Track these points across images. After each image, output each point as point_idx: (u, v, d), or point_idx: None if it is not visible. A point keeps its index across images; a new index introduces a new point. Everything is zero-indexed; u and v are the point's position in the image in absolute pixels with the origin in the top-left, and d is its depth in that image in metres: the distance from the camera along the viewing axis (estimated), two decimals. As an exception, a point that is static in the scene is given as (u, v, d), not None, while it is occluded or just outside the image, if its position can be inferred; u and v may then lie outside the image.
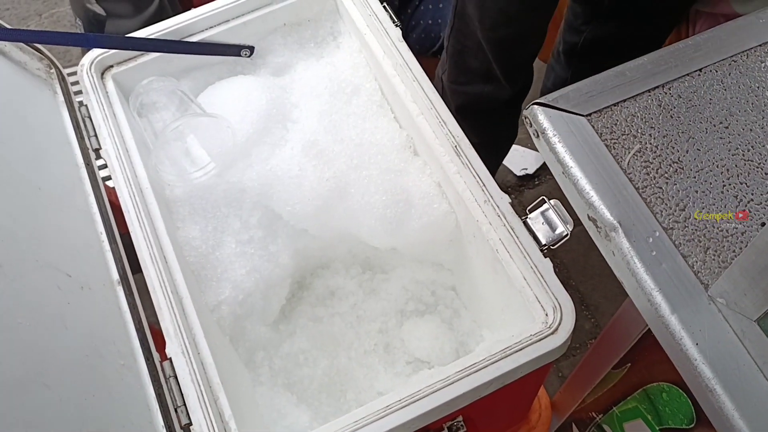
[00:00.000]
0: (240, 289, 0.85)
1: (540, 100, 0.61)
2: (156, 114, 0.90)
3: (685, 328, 0.50)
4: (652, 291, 0.52)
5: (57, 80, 0.89)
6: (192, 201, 0.88)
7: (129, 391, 0.67)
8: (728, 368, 0.49)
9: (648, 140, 0.59)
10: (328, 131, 0.90)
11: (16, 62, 0.85)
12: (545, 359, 0.68)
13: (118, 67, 0.92)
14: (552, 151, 0.59)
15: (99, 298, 0.71)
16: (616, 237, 0.55)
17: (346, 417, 0.65)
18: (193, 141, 0.90)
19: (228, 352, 0.84)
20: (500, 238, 0.74)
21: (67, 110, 0.87)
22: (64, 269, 0.68)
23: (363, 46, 0.95)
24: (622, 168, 0.57)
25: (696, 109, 0.60)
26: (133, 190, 0.80)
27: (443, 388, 0.66)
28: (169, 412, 0.67)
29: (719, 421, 0.49)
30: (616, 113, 0.60)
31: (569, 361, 1.60)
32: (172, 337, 0.71)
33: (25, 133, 0.78)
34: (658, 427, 0.78)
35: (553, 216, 0.72)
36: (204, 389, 0.68)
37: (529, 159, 1.89)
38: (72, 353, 0.63)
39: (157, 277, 0.75)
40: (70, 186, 0.80)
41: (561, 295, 0.69)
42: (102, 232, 0.78)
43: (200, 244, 0.85)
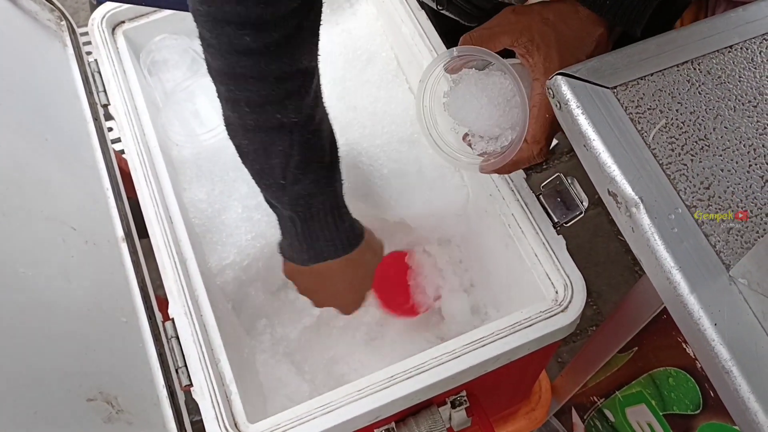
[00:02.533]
0: (245, 254, 0.84)
1: (564, 70, 0.59)
2: (167, 73, 0.88)
3: (704, 307, 0.49)
4: (672, 269, 0.50)
5: (67, 32, 0.87)
6: (199, 163, 0.86)
7: (130, 349, 0.66)
8: (746, 350, 0.48)
9: (674, 116, 0.57)
10: (342, 99, 0.88)
11: (26, 11, 0.83)
12: (554, 337, 0.67)
13: (129, 23, 0.91)
14: (574, 123, 0.57)
15: (103, 254, 0.70)
16: (637, 213, 0.53)
17: (348, 386, 0.65)
18: (204, 102, 0.89)
19: (230, 318, 0.84)
20: (513, 213, 0.73)
21: (76, 64, 0.86)
22: (69, 222, 0.67)
23: (380, 14, 0.93)
24: (647, 143, 0.56)
25: (725, 87, 0.58)
26: (141, 149, 0.79)
27: (449, 361, 0.65)
28: (170, 373, 0.67)
29: (734, 403, 0.48)
30: (642, 87, 0.58)
31: (569, 347, 1.60)
32: (175, 297, 0.70)
33: (33, 83, 0.76)
34: (661, 412, 0.77)
35: (567, 193, 0.71)
36: (206, 351, 0.68)
37: (539, 143, 1.87)
38: (74, 307, 0.62)
39: (162, 236, 0.74)
40: (77, 140, 0.78)
41: (573, 273, 0.68)
42: (108, 188, 0.77)
43: (206, 207, 0.84)
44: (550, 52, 0.59)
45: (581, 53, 0.60)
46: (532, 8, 0.62)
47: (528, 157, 0.60)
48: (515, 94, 0.61)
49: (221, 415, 0.64)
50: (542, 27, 0.60)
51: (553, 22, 0.60)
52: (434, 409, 0.72)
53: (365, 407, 0.63)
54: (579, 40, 0.61)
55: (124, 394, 0.60)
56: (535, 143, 0.59)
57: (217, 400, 0.65)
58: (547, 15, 0.60)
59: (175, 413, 0.65)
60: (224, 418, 0.64)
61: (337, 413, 0.63)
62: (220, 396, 0.65)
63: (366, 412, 0.63)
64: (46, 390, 0.53)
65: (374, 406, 0.63)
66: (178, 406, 0.66)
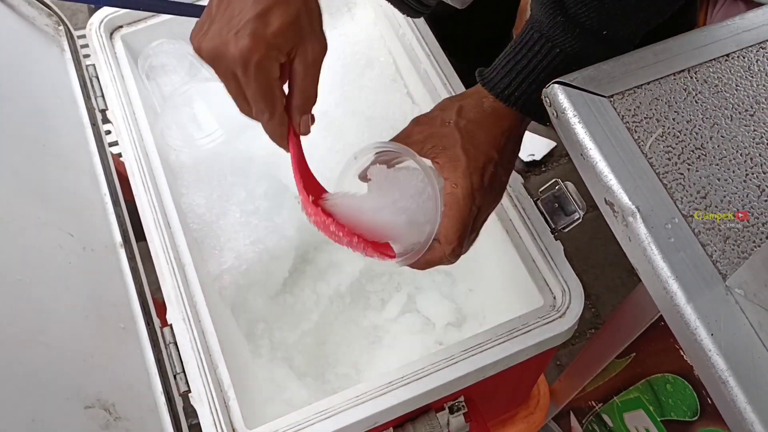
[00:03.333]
0: (243, 259, 0.84)
1: (560, 79, 0.59)
2: (165, 77, 0.88)
3: (701, 317, 0.49)
4: (668, 279, 0.51)
5: (65, 37, 0.87)
6: (198, 168, 0.86)
7: (128, 355, 0.66)
8: (743, 360, 0.48)
9: (671, 125, 0.57)
10: (339, 103, 0.88)
11: (24, 16, 0.83)
12: (551, 342, 0.67)
13: (127, 28, 0.91)
14: (571, 131, 0.58)
15: (101, 259, 0.70)
16: (633, 222, 0.53)
17: (346, 392, 0.65)
18: (202, 107, 0.89)
19: (228, 323, 0.84)
20: (511, 219, 0.73)
21: (74, 69, 0.86)
22: (67, 229, 0.67)
23: (378, 18, 0.93)
24: (643, 152, 0.56)
25: (721, 96, 0.58)
26: (139, 154, 0.79)
27: (447, 367, 0.65)
28: (168, 379, 0.67)
29: (730, 414, 0.48)
30: (639, 95, 0.58)
31: (567, 350, 1.60)
32: (173, 303, 0.70)
33: (31, 88, 0.76)
34: (659, 418, 0.77)
35: (565, 198, 0.71)
36: (204, 357, 0.68)
37: (537, 145, 1.87)
38: (72, 313, 0.62)
39: (160, 242, 0.74)
40: (75, 145, 0.78)
41: (570, 278, 0.68)
42: (106, 193, 0.77)
43: (204, 212, 0.84)
44: (455, 151, 0.57)
45: (490, 147, 0.59)
46: (434, 114, 0.61)
47: (440, 257, 0.58)
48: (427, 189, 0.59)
49: (219, 421, 0.64)
50: (444, 130, 0.59)
51: (455, 122, 0.59)
52: (432, 414, 0.72)
53: (363, 413, 0.63)
54: (487, 133, 0.59)
55: (121, 400, 0.61)
56: (447, 243, 0.57)
57: (215, 406, 0.65)
58: (448, 117, 0.59)
59: (173, 419, 0.65)
60: (222, 424, 0.64)
61: (335, 419, 0.63)
62: (218, 402, 0.65)
63: (364, 418, 0.63)
64: (43, 397, 0.53)
65: (372, 412, 0.63)
66: (176, 412, 0.66)
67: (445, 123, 0.59)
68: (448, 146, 0.58)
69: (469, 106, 0.60)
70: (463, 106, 0.60)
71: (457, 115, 0.59)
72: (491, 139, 0.59)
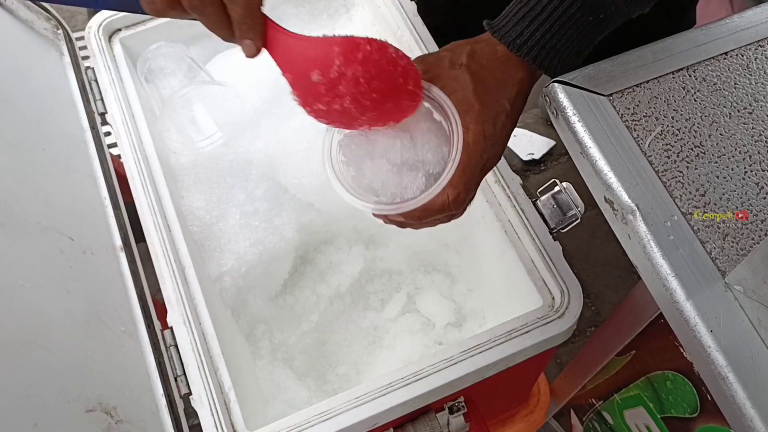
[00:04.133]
0: (243, 261, 0.84)
1: (560, 78, 0.59)
2: (164, 80, 0.88)
3: (700, 314, 0.49)
4: (668, 276, 0.51)
5: (64, 41, 0.88)
6: (197, 170, 0.87)
7: (129, 357, 0.66)
8: (742, 357, 0.48)
9: (670, 123, 0.57)
10: (338, 105, 0.88)
11: (22, 21, 0.83)
12: (550, 343, 0.67)
13: (126, 31, 0.91)
14: (571, 130, 0.58)
15: (101, 263, 0.70)
16: (633, 220, 0.53)
17: (346, 393, 0.65)
18: (201, 109, 0.89)
19: (229, 324, 0.84)
20: (509, 220, 0.73)
21: (73, 72, 0.86)
22: (67, 233, 0.67)
23: (376, 20, 0.93)
24: (643, 150, 0.56)
25: (720, 94, 0.59)
26: (139, 157, 0.79)
27: (447, 368, 0.65)
28: (168, 381, 0.67)
29: (730, 409, 0.48)
30: (638, 94, 0.59)
31: (568, 347, 1.60)
32: (173, 305, 0.70)
33: (30, 93, 0.76)
34: (659, 415, 0.78)
35: (563, 199, 0.71)
36: (204, 359, 0.68)
37: (537, 144, 1.87)
38: (73, 317, 0.62)
39: (160, 245, 0.74)
40: (75, 149, 0.78)
41: (569, 279, 0.68)
42: (106, 197, 0.77)
43: (204, 214, 0.84)
44: (466, 96, 0.54)
45: (502, 96, 0.56)
46: (442, 55, 0.57)
47: (441, 204, 0.53)
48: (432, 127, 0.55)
49: (220, 423, 0.65)
50: (453, 72, 0.56)
51: (467, 65, 0.55)
52: (432, 415, 0.72)
53: (363, 414, 0.63)
54: (499, 82, 0.56)
55: (123, 404, 0.61)
56: (452, 188, 0.53)
57: (216, 408, 0.65)
58: (459, 59, 0.56)
59: (174, 422, 0.65)
60: (223, 426, 0.64)
61: (335, 420, 0.63)
62: (219, 404, 0.66)
63: (364, 419, 0.63)
64: (45, 401, 0.54)
65: (372, 413, 0.63)
66: (177, 415, 0.66)
67: (454, 65, 0.56)
68: (458, 89, 0.55)
69: (482, 51, 0.56)
70: (475, 51, 0.56)
71: (468, 58, 0.56)
72: (504, 88, 0.56)
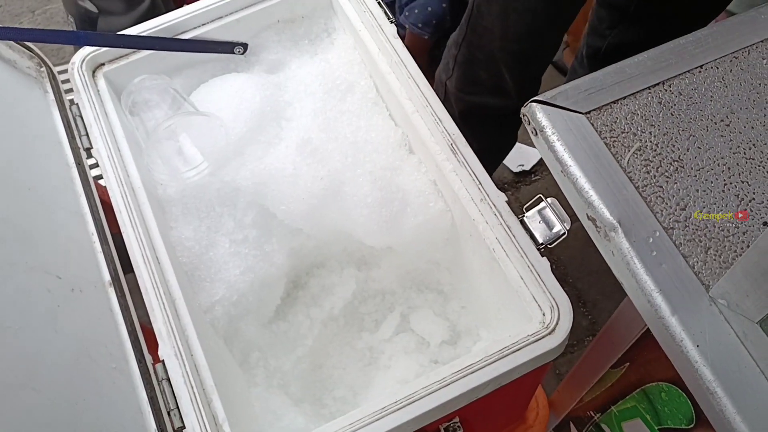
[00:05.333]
0: (234, 290, 0.84)
1: (538, 97, 0.60)
2: (148, 112, 0.89)
3: (686, 329, 0.49)
4: (653, 292, 0.51)
5: (47, 79, 0.88)
6: (185, 200, 0.87)
7: (121, 394, 0.65)
8: (729, 370, 0.48)
9: (648, 138, 0.58)
10: (323, 129, 0.89)
11: (6, 60, 0.83)
12: (543, 359, 0.67)
13: (109, 65, 0.91)
14: (550, 149, 0.58)
15: (90, 300, 0.70)
16: (615, 237, 0.54)
17: (342, 419, 0.64)
18: (186, 140, 0.89)
19: (222, 354, 0.83)
20: (497, 237, 0.73)
21: (57, 109, 0.86)
22: (55, 271, 0.67)
23: (357, 43, 0.94)
24: (622, 167, 0.57)
25: (697, 107, 0.59)
26: (125, 190, 0.79)
27: (439, 389, 0.65)
28: (161, 416, 0.66)
29: (720, 423, 0.48)
30: (615, 111, 0.59)
31: (566, 358, 1.60)
32: (164, 338, 0.70)
33: (15, 132, 0.76)
34: (656, 426, 0.77)
35: (550, 214, 0.71)
36: (197, 392, 0.67)
37: (526, 155, 1.88)
38: (62, 357, 0.61)
39: (149, 278, 0.73)
40: (61, 186, 0.78)
41: (558, 294, 0.68)
42: (93, 232, 0.77)
43: (193, 244, 0.84)
44: None
45: None
46: None
47: None
48: None
49: (215, 455, 0.64)
50: None
51: None
52: (429, 437, 0.72)
53: (359, 440, 0.63)
54: None
55: (116, 441, 0.60)
56: None
57: (211, 440, 0.65)
58: None
59: (169, 456, 0.65)
60: (219, 459, 0.64)
61: (330, 447, 0.63)
62: (213, 436, 0.65)
63: (360, 445, 0.63)
64: (36, 444, 0.53)
65: (368, 439, 0.63)
66: (171, 449, 0.66)
67: None
68: None
69: None
70: None
71: None
72: None
